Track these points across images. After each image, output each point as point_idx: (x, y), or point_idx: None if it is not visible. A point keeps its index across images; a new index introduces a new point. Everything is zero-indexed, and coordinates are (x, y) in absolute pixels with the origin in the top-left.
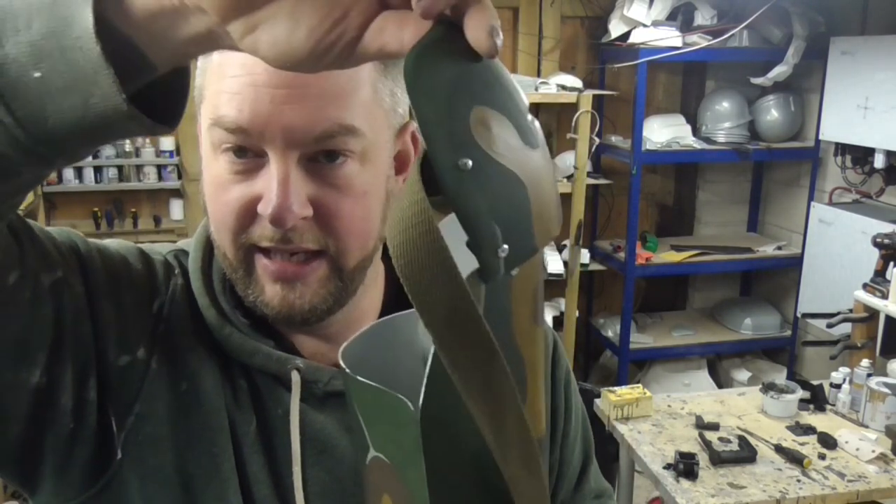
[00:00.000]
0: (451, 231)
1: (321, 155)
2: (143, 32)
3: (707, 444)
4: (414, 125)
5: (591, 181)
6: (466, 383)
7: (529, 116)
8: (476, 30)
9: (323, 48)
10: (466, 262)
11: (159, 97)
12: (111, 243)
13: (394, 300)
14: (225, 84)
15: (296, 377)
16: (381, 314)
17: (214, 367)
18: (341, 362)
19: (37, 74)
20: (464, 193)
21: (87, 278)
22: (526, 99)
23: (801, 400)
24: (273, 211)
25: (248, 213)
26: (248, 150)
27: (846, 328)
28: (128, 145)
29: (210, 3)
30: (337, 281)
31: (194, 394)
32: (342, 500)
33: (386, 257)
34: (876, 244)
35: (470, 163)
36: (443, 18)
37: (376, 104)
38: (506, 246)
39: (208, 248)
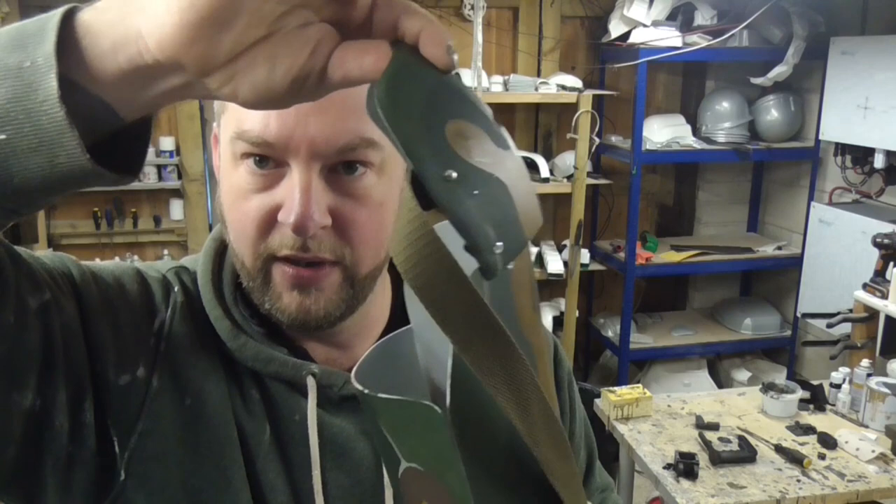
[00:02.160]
0: (448, 237)
1: (341, 166)
2: (113, 90)
3: (707, 444)
4: None
5: (591, 181)
6: (491, 377)
7: (494, 121)
8: (432, 47)
9: (298, 84)
10: (466, 264)
11: (121, 143)
12: (107, 265)
13: (401, 308)
14: None
15: (311, 382)
16: (389, 321)
17: (221, 380)
18: (357, 385)
19: (2, 136)
20: (455, 202)
21: (81, 301)
22: (487, 108)
23: (801, 400)
24: (296, 219)
25: (268, 222)
26: (269, 160)
27: (846, 328)
28: None
29: (191, 61)
30: (349, 288)
31: (200, 408)
32: (360, 503)
33: (392, 267)
34: (876, 244)
35: (455, 174)
36: (399, 43)
37: None
38: (500, 243)
39: (218, 260)
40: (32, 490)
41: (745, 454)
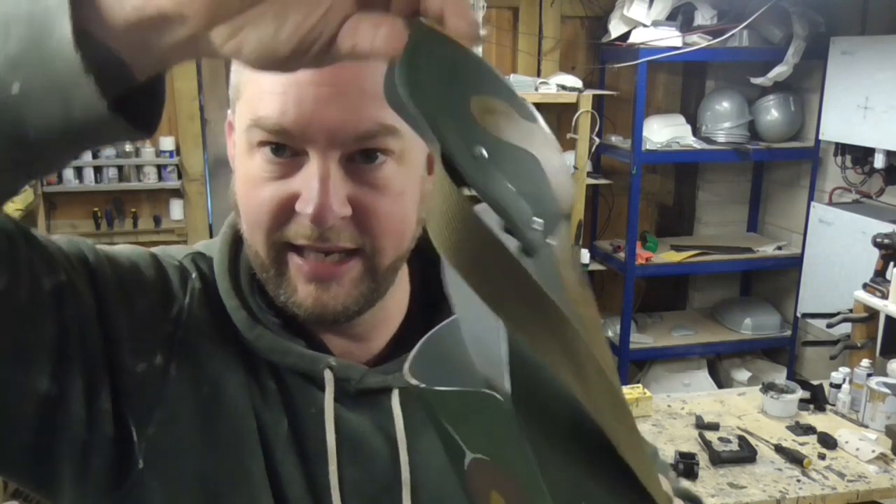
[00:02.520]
0: (484, 217)
1: (359, 155)
2: (122, 42)
3: (707, 444)
4: None
5: (591, 181)
6: (548, 353)
7: (518, 93)
8: (457, 20)
9: (304, 46)
10: (507, 244)
11: (135, 103)
12: (123, 249)
13: (419, 303)
14: (265, 83)
15: (329, 375)
16: (407, 316)
17: (240, 370)
18: (412, 380)
19: (16, 84)
20: (488, 180)
21: (97, 286)
22: (508, 81)
23: (801, 400)
24: (314, 210)
25: (284, 211)
26: (286, 148)
27: (846, 328)
28: (128, 145)
29: (195, 10)
30: (370, 282)
31: (218, 397)
32: (376, 498)
33: (411, 260)
34: (876, 244)
35: (484, 151)
36: (417, 22)
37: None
38: (538, 219)
39: (234, 248)
40: (48, 476)
41: (745, 454)
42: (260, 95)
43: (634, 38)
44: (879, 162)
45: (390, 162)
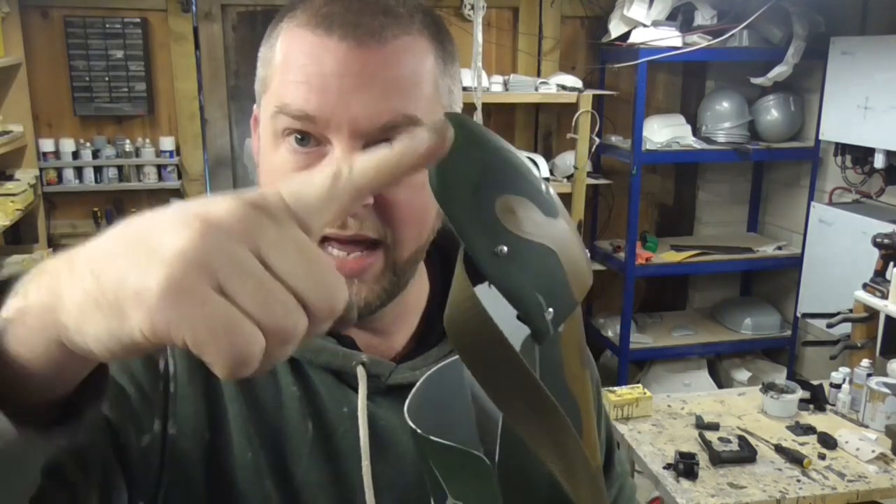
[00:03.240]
0: (501, 307)
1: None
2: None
3: (707, 444)
4: None
5: (591, 181)
6: (538, 444)
7: (544, 187)
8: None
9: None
10: (519, 330)
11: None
12: None
13: (438, 297)
14: (291, 73)
15: (361, 372)
16: (427, 311)
17: (240, 403)
18: (410, 423)
19: None
20: (506, 276)
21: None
22: (538, 173)
23: (801, 400)
24: None
25: None
26: (310, 138)
27: (846, 328)
28: (128, 145)
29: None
30: (391, 275)
31: (222, 438)
32: (407, 493)
33: (430, 254)
34: (876, 244)
35: (505, 248)
36: (456, 117)
37: (436, 99)
38: (551, 309)
39: None
40: None
41: (745, 454)
42: (285, 84)
43: (634, 38)
44: (879, 162)
45: None
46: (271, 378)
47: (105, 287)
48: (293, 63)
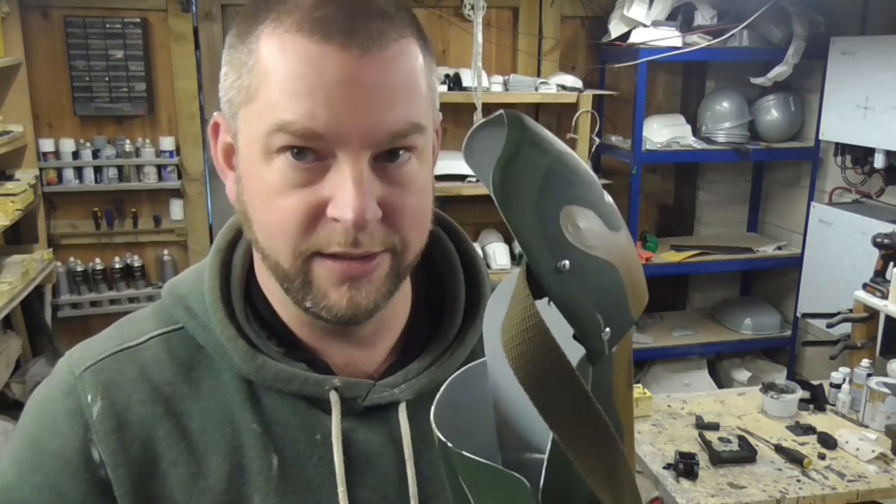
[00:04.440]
0: (555, 323)
1: (384, 154)
2: None
3: (707, 444)
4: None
5: None
6: (589, 469)
7: (606, 197)
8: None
9: None
10: (572, 349)
11: None
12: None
13: (420, 309)
14: (288, 84)
15: (335, 397)
16: (409, 323)
17: (183, 463)
18: (439, 435)
19: None
20: (567, 293)
21: None
22: (599, 183)
23: (801, 400)
24: (355, 214)
25: (312, 219)
26: (309, 152)
27: (846, 328)
28: (128, 145)
29: None
30: (394, 277)
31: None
32: None
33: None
34: (876, 244)
35: (568, 263)
36: (513, 119)
37: (428, 99)
38: (608, 329)
39: (224, 274)
40: None
41: (745, 454)
42: (284, 98)
43: (634, 38)
44: (879, 162)
45: (413, 159)
46: (227, 421)
47: None
48: (289, 73)
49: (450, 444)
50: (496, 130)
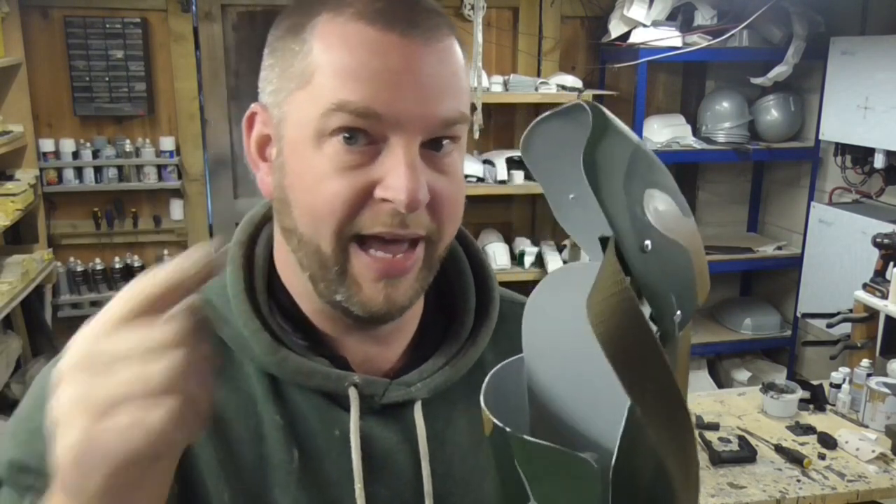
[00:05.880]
0: None
1: (430, 142)
2: None
3: (707, 444)
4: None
5: None
6: (663, 441)
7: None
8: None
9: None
10: None
11: None
12: (19, 424)
13: (433, 309)
14: (350, 69)
15: (353, 393)
16: (422, 323)
17: (211, 447)
18: (495, 420)
19: None
20: (648, 273)
21: None
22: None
23: (801, 400)
24: (408, 196)
25: (360, 202)
26: (360, 136)
27: (846, 328)
28: (128, 145)
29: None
30: (426, 272)
31: (191, 489)
32: None
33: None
34: (876, 244)
35: (650, 244)
36: (596, 108)
37: (468, 95)
38: (679, 311)
39: (247, 266)
40: None
41: (745, 454)
42: (345, 81)
43: (634, 38)
44: (879, 162)
45: (455, 149)
46: (250, 412)
47: (74, 475)
48: (352, 58)
49: (508, 430)
50: (563, 123)
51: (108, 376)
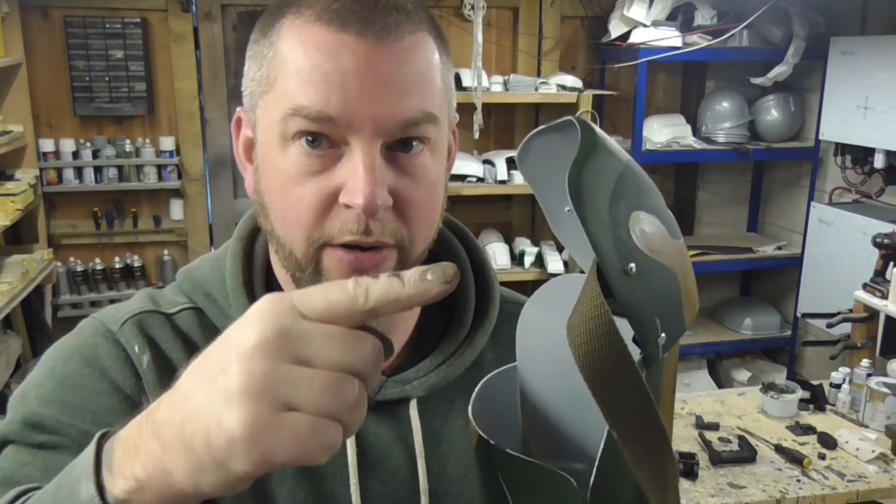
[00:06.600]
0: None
1: (397, 143)
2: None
3: (707, 444)
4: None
5: None
6: (642, 469)
7: (666, 206)
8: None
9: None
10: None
11: None
12: (49, 371)
13: (431, 308)
14: (305, 71)
15: None
16: (420, 322)
17: None
18: (480, 433)
19: None
20: (632, 295)
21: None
22: (660, 193)
23: (801, 400)
24: (364, 200)
25: (325, 207)
26: (323, 140)
27: (846, 328)
28: (128, 145)
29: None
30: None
31: None
32: None
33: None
34: (876, 244)
35: (634, 267)
36: (584, 124)
37: (443, 94)
38: (663, 334)
39: (247, 260)
40: None
41: (745, 454)
42: (300, 84)
43: (634, 38)
44: (879, 162)
45: (426, 151)
46: None
47: (199, 453)
48: (307, 61)
49: (493, 442)
50: (557, 136)
51: (304, 373)
